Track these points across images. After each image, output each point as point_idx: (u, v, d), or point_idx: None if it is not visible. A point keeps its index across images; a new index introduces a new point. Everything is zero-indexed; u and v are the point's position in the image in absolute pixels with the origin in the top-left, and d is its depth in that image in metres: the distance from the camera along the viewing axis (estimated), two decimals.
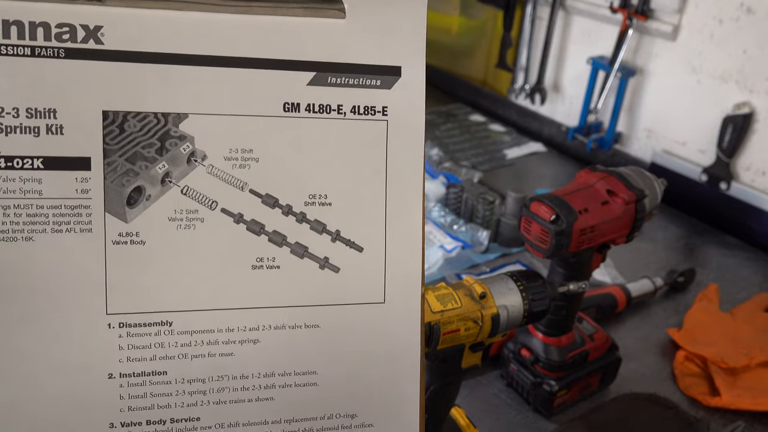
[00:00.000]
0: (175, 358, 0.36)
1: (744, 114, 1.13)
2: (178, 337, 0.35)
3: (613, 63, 1.30)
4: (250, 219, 0.36)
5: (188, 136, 0.35)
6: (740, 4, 1.11)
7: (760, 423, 0.78)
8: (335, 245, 0.37)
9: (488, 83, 1.78)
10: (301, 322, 0.37)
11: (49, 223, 0.33)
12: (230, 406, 0.36)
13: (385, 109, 0.37)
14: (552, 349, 0.75)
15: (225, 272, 0.36)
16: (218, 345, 0.36)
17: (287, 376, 0.37)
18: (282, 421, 0.37)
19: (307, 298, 0.37)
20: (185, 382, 0.36)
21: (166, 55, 0.34)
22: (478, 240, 1.06)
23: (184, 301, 0.36)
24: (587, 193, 0.69)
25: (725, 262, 1.12)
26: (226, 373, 0.36)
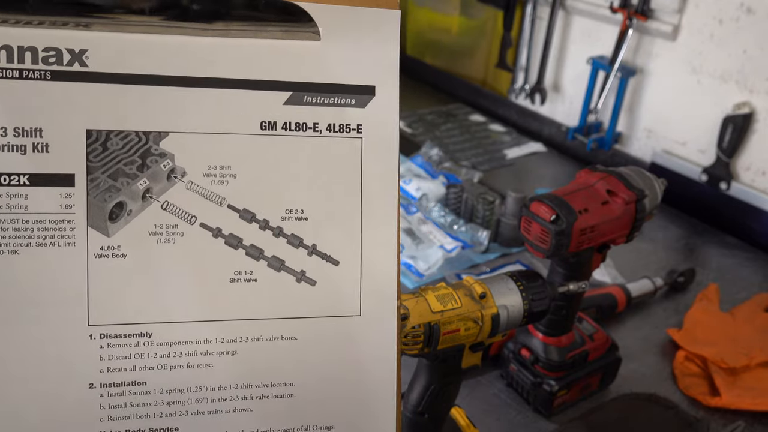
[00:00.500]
0: (155, 369, 0.36)
1: (744, 114, 1.13)
2: (158, 348, 0.36)
3: (613, 63, 1.30)
4: (228, 233, 0.37)
5: (168, 153, 0.36)
6: (740, 4, 1.11)
7: (760, 423, 0.78)
8: (312, 259, 0.38)
9: (488, 83, 1.78)
10: (278, 334, 0.38)
11: (34, 237, 0.34)
12: (208, 417, 0.37)
13: (359, 126, 0.38)
14: (552, 349, 0.75)
15: (203, 285, 0.37)
16: (197, 356, 0.37)
17: (264, 387, 0.38)
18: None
19: (284, 310, 0.38)
20: (164, 393, 0.36)
21: (147, 77, 0.35)
22: (478, 240, 1.06)
23: (164, 313, 0.36)
24: (587, 193, 0.69)
25: (725, 262, 1.12)
26: (205, 384, 0.37)
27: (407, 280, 1.00)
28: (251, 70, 0.37)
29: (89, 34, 0.34)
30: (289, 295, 0.38)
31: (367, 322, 0.39)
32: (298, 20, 0.37)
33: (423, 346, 0.55)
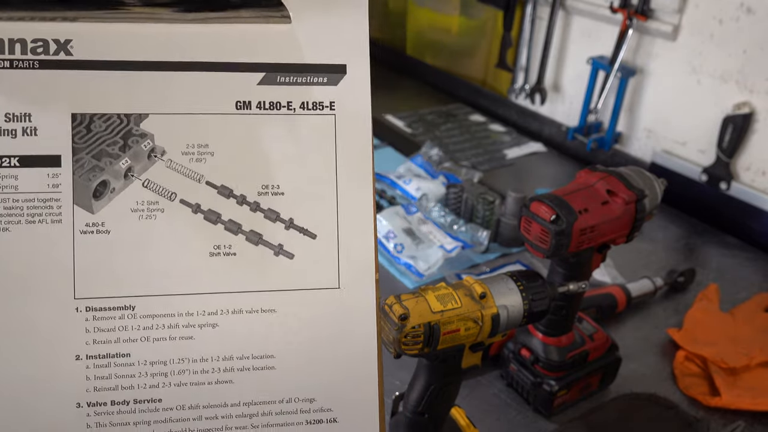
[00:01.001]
0: (138, 341, 0.38)
1: (744, 114, 1.13)
2: (141, 320, 0.38)
3: (613, 63, 1.30)
4: (207, 209, 0.39)
5: (149, 133, 0.38)
6: (740, 4, 1.11)
7: (760, 423, 0.78)
8: (289, 233, 0.39)
9: (488, 83, 1.78)
10: (258, 307, 0.39)
11: (23, 215, 0.36)
12: (190, 389, 0.38)
13: (332, 103, 0.40)
14: (552, 349, 0.75)
15: (184, 259, 0.38)
16: (178, 329, 0.38)
17: (245, 359, 0.39)
18: (241, 404, 0.39)
19: (263, 283, 0.39)
20: (147, 364, 0.38)
21: (128, 63, 0.38)
22: (478, 240, 1.06)
23: (147, 286, 0.38)
24: (587, 193, 0.69)
25: (725, 262, 1.12)
26: (187, 356, 0.38)
27: (407, 280, 1.00)
28: (225, 53, 0.38)
29: (74, 25, 0.37)
30: (268, 269, 0.39)
31: (346, 294, 0.40)
32: (269, 5, 0.38)
33: (423, 346, 0.55)
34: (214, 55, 0.38)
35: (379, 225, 1.06)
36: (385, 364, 0.87)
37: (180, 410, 0.38)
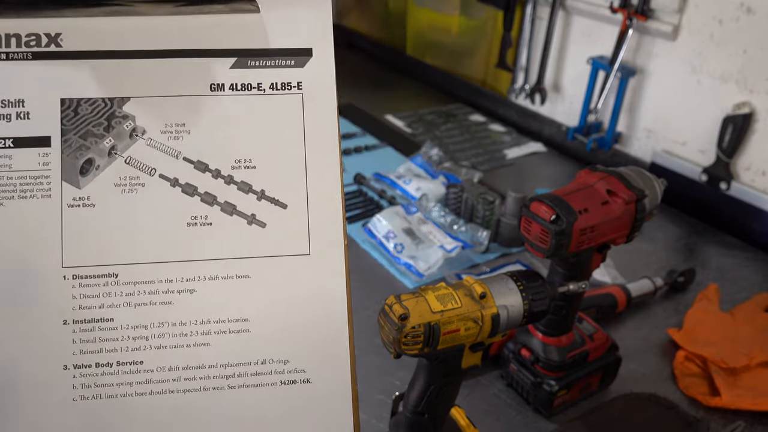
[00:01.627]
0: (121, 307, 0.41)
1: (744, 114, 1.13)
2: (124, 287, 0.41)
3: (613, 63, 1.30)
4: (184, 182, 0.42)
5: (130, 115, 0.42)
6: (740, 4, 1.11)
7: (760, 423, 0.78)
8: (261, 203, 0.43)
9: (488, 83, 1.78)
10: (233, 273, 0.42)
11: (16, 191, 0.40)
12: (170, 351, 0.41)
13: (299, 84, 0.44)
14: (552, 349, 0.75)
15: (164, 229, 0.42)
16: (159, 294, 0.41)
17: (221, 323, 0.42)
18: (218, 365, 0.41)
19: (238, 251, 0.42)
20: (129, 328, 0.41)
21: (111, 52, 0.42)
22: (478, 240, 1.06)
23: (129, 255, 0.41)
24: (587, 193, 0.69)
25: (725, 262, 1.12)
26: (166, 320, 0.41)
27: (407, 280, 1.00)
28: (200, 41, 0.42)
29: (63, 20, 0.41)
30: (242, 237, 0.42)
31: (316, 260, 0.43)
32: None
33: (423, 346, 0.55)
34: (189, 43, 0.42)
35: (379, 225, 1.06)
36: (385, 364, 0.87)
37: (160, 371, 0.41)
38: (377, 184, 1.27)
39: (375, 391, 0.78)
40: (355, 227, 1.13)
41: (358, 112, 1.65)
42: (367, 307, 0.93)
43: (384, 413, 0.75)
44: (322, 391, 0.43)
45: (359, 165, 1.35)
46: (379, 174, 1.28)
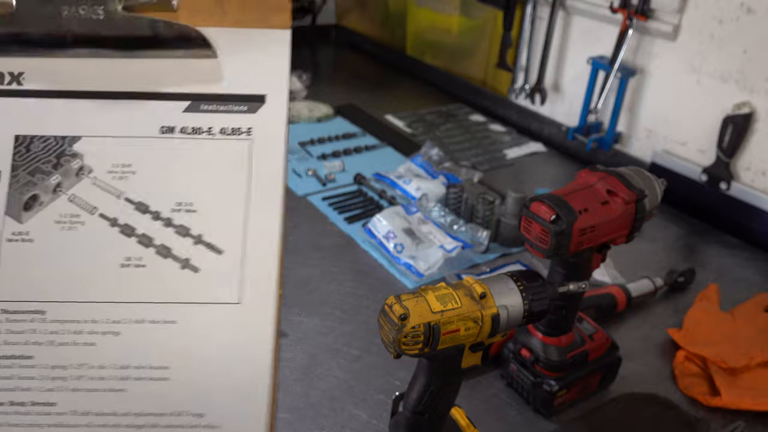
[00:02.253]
0: (43, 345, 0.40)
1: (744, 114, 1.13)
2: (49, 324, 0.40)
3: (613, 63, 1.30)
4: (123, 223, 0.42)
5: (80, 154, 0.42)
6: (740, 4, 1.11)
7: (761, 423, 0.78)
8: (197, 248, 0.42)
9: (488, 83, 1.78)
10: (160, 317, 0.41)
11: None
12: (85, 395, 0.40)
13: (249, 129, 0.44)
14: (552, 349, 0.75)
15: (97, 269, 0.41)
16: (82, 335, 0.40)
17: (141, 369, 0.41)
18: (131, 413, 0.40)
19: (168, 295, 0.41)
20: (48, 368, 0.40)
21: (69, 92, 0.43)
22: (478, 240, 1.06)
23: (59, 292, 0.41)
24: (587, 193, 0.69)
25: (725, 262, 1.12)
26: (86, 362, 0.40)
27: (407, 280, 1.00)
28: (155, 85, 0.43)
29: (27, 60, 0.43)
30: (174, 281, 0.41)
31: (245, 311, 0.41)
32: (197, 43, 0.44)
33: (423, 346, 0.55)
34: (144, 86, 0.43)
35: (379, 225, 1.06)
36: (385, 364, 0.87)
37: (72, 415, 0.40)
38: (377, 184, 1.27)
39: (375, 391, 0.78)
40: (355, 227, 1.13)
41: (358, 112, 1.65)
42: (367, 307, 0.93)
43: (384, 413, 0.75)
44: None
45: (359, 165, 1.35)
46: (379, 174, 1.28)
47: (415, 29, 2.02)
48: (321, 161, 1.37)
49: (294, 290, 0.95)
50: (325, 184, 1.28)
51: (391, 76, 2.02)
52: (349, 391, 0.79)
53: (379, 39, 2.20)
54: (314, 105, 1.66)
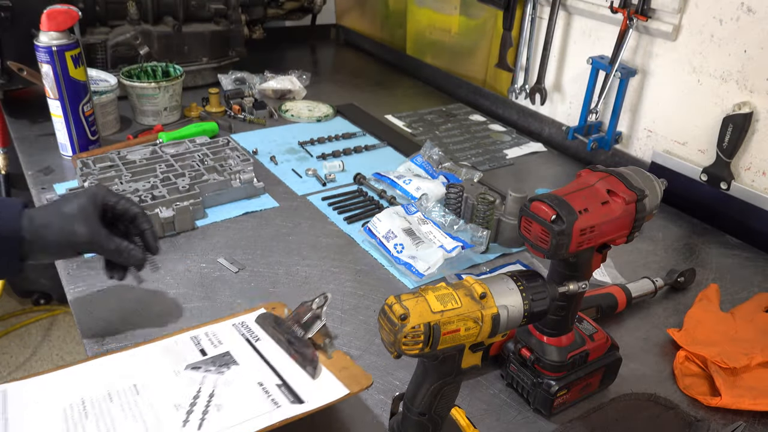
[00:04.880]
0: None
1: (744, 114, 1.13)
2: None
3: (614, 63, 1.30)
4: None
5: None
6: (740, 4, 1.11)
7: (761, 423, 0.78)
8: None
9: (488, 83, 1.78)
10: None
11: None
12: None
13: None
14: (552, 349, 0.75)
15: None
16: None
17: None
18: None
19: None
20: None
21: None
22: (478, 240, 1.06)
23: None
24: (587, 193, 0.69)
25: (725, 262, 1.12)
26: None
27: (407, 280, 1.00)
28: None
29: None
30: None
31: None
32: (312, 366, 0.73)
33: (423, 346, 0.55)
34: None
35: (379, 225, 1.06)
36: (385, 364, 0.87)
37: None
38: (377, 184, 1.27)
39: (375, 391, 0.78)
40: (355, 227, 1.13)
41: (358, 112, 1.65)
42: (367, 307, 0.93)
43: (384, 413, 0.75)
44: None
45: (359, 165, 1.35)
46: (379, 174, 1.28)
47: (415, 29, 2.02)
48: (321, 161, 1.37)
49: (294, 290, 0.95)
50: (325, 184, 1.27)
51: (391, 76, 2.02)
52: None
53: (379, 39, 2.20)
54: (314, 105, 1.66)
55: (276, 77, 1.72)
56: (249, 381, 0.72)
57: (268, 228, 1.11)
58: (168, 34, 1.62)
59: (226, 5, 1.71)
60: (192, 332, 0.82)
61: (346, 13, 2.36)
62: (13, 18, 1.31)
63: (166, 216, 1.04)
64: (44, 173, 1.24)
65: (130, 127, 1.47)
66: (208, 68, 1.72)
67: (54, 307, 2.40)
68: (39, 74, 1.22)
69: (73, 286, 0.92)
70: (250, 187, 1.19)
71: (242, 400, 0.69)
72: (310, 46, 2.27)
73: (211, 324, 0.84)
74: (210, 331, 0.82)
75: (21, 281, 2.31)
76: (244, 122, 1.55)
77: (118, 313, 0.88)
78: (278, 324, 0.81)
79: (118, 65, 1.55)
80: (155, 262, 0.99)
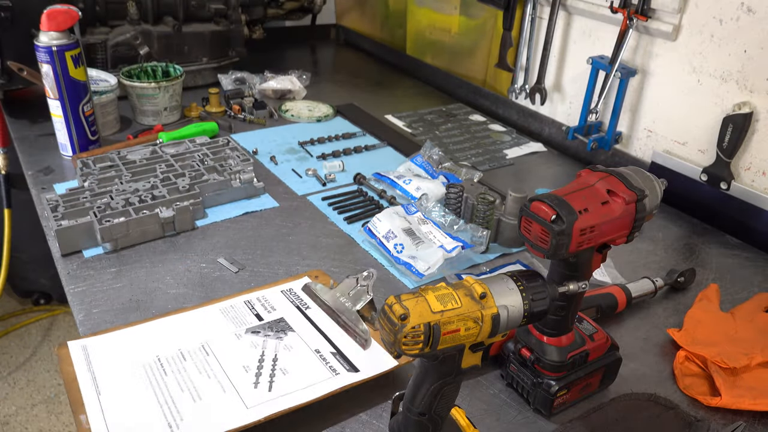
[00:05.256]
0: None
1: (744, 114, 1.13)
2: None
3: (614, 63, 1.30)
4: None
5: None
6: (740, 4, 1.11)
7: (761, 423, 0.78)
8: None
9: (488, 83, 1.78)
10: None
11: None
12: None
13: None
14: (552, 349, 0.75)
15: None
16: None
17: None
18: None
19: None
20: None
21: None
22: (478, 240, 1.06)
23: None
24: (587, 193, 0.69)
25: (725, 262, 1.12)
26: None
27: (407, 280, 1.00)
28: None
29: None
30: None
31: None
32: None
33: (423, 346, 0.55)
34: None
35: (379, 225, 1.06)
36: None
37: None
38: (377, 184, 1.27)
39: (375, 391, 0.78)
40: (355, 227, 1.13)
41: (358, 112, 1.65)
42: None
43: (384, 413, 0.75)
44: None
45: (359, 165, 1.35)
46: (379, 174, 1.28)
47: (415, 29, 2.02)
48: (321, 161, 1.37)
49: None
50: (325, 184, 1.27)
51: (391, 76, 2.02)
52: (350, 390, 0.79)
53: (379, 39, 2.20)
54: (314, 105, 1.66)
55: (276, 77, 1.72)
56: (306, 348, 0.79)
57: (268, 228, 1.11)
58: (168, 34, 1.62)
59: (226, 5, 1.71)
60: (244, 296, 0.89)
61: (346, 13, 2.36)
62: (13, 18, 1.31)
63: (166, 216, 1.04)
64: (44, 173, 1.24)
65: (130, 127, 1.47)
66: (208, 68, 1.72)
67: (54, 307, 2.40)
68: (39, 74, 1.22)
69: (73, 286, 0.92)
70: (250, 187, 1.19)
71: (304, 366, 0.75)
72: (310, 46, 2.27)
73: (261, 289, 0.91)
74: (261, 296, 0.89)
75: (21, 281, 2.32)
76: (244, 122, 1.55)
77: (118, 313, 0.88)
78: (325, 294, 0.87)
79: (118, 65, 1.55)
80: (155, 262, 0.99)
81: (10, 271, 2.08)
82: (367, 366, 0.77)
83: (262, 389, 0.72)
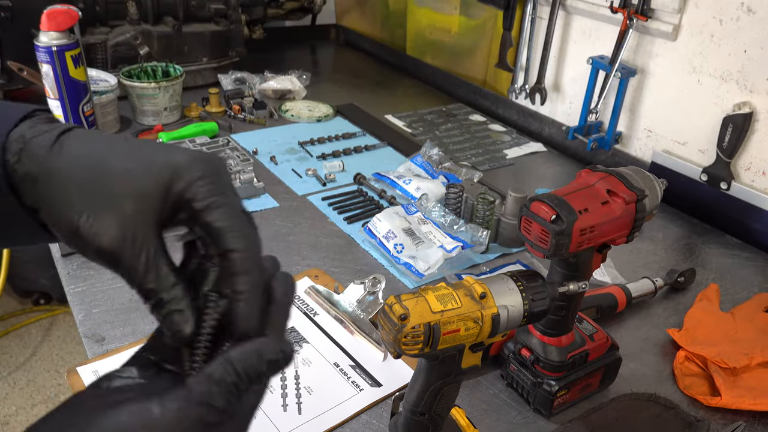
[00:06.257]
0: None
1: (744, 114, 1.13)
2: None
3: (614, 63, 1.30)
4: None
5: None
6: (740, 4, 1.11)
7: (761, 423, 0.78)
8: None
9: (488, 83, 1.78)
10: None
11: None
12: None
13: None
14: (552, 349, 0.75)
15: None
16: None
17: None
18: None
19: None
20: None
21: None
22: (478, 240, 1.06)
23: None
24: (587, 193, 0.69)
25: (725, 262, 1.12)
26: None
27: (407, 280, 1.00)
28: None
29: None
30: None
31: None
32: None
33: (423, 346, 0.55)
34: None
35: (379, 225, 1.06)
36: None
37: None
38: (377, 184, 1.27)
39: None
40: (355, 227, 1.13)
41: (358, 112, 1.65)
42: None
43: (384, 413, 0.75)
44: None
45: (359, 165, 1.35)
46: (379, 174, 1.28)
47: (415, 29, 2.02)
48: (321, 161, 1.37)
49: None
50: (325, 184, 1.27)
51: (391, 76, 2.02)
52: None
53: (379, 39, 2.20)
54: (314, 105, 1.66)
55: (276, 77, 1.72)
56: (325, 362, 0.76)
57: (268, 228, 1.11)
58: (168, 34, 1.62)
59: (226, 5, 1.71)
60: None
61: (346, 13, 2.36)
62: (13, 18, 1.31)
63: None
64: None
65: (130, 127, 1.47)
66: (208, 68, 1.72)
67: (54, 307, 2.40)
68: (39, 74, 1.22)
69: (73, 286, 0.92)
70: (250, 187, 1.19)
71: (327, 383, 0.73)
72: (310, 46, 2.27)
73: None
74: None
75: (21, 281, 2.32)
76: (244, 122, 1.55)
77: (119, 313, 0.88)
78: (330, 299, 0.84)
79: (118, 65, 1.55)
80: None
81: (10, 271, 2.08)
82: (387, 380, 0.75)
83: (291, 412, 0.68)
